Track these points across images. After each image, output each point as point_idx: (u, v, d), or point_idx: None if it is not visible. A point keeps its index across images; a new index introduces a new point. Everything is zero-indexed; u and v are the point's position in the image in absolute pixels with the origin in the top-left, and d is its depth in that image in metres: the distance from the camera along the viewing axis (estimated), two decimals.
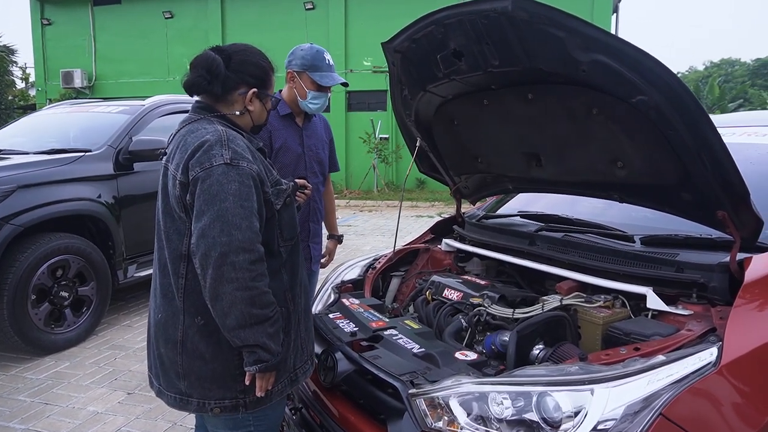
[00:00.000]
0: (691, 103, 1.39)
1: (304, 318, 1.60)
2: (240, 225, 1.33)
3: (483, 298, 1.92)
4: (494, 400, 1.34)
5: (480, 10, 1.61)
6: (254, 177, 1.41)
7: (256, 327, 1.36)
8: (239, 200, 1.35)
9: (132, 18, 15.91)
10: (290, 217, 1.55)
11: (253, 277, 1.34)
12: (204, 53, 1.52)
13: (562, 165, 2.02)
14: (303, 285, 1.64)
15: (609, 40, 1.41)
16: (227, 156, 1.38)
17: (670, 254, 1.71)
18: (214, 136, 1.41)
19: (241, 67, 1.53)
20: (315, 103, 2.45)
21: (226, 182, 1.35)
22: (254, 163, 1.43)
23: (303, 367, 1.60)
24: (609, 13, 13.49)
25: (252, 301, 1.34)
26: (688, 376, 1.28)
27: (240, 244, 1.32)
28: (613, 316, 1.65)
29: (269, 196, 1.47)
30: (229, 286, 1.31)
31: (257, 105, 1.58)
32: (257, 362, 1.39)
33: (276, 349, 1.41)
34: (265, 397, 1.48)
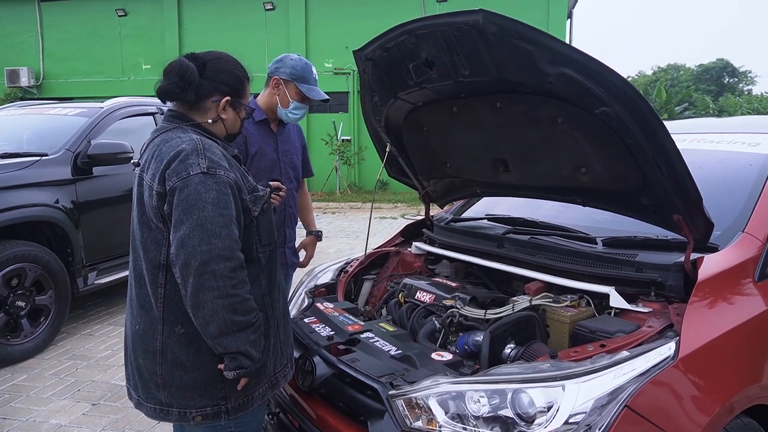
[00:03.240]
0: (649, 114, 1.49)
1: (283, 322, 1.62)
2: (219, 233, 1.34)
3: (455, 299, 1.98)
4: (471, 399, 1.40)
5: (452, 23, 1.67)
6: (232, 185, 1.42)
7: (239, 334, 1.37)
8: (218, 209, 1.36)
9: (82, 15, 15.33)
10: (268, 223, 1.57)
11: (234, 284, 1.35)
12: (178, 60, 1.52)
13: (528, 170, 2.11)
14: (281, 289, 1.65)
15: (575, 55, 1.49)
16: (204, 165, 1.39)
17: (630, 255, 1.82)
18: (189, 145, 1.42)
19: (216, 75, 1.54)
20: (295, 113, 2.48)
21: (204, 191, 1.36)
22: (231, 171, 1.44)
23: (283, 371, 1.62)
24: (564, 19, 13.93)
25: (234, 309, 1.35)
26: (650, 369, 1.37)
27: (220, 252, 1.33)
28: (579, 314, 1.74)
29: (247, 203, 1.48)
30: (211, 294, 1.32)
31: (230, 113, 1.59)
32: (238, 368, 1.40)
33: (257, 356, 1.42)
34: (247, 402, 1.50)
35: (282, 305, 1.64)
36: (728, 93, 34.55)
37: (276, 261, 1.63)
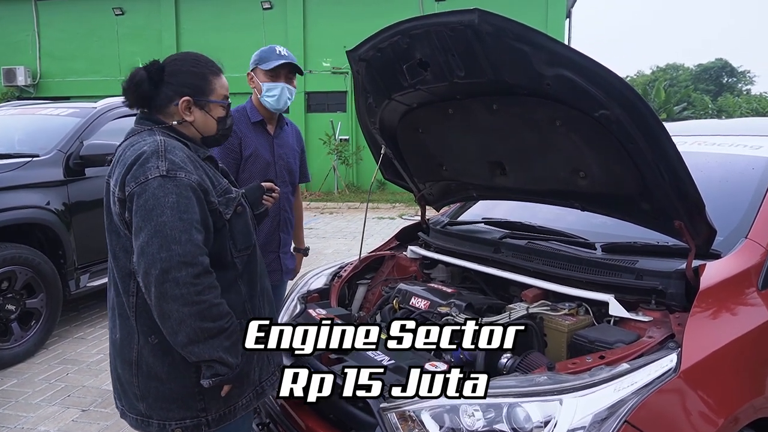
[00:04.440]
0: (650, 117, 1.44)
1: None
2: (179, 239, 1.29)
3: (450, 306, 1.93)
4: (465, 412, 1.35)
5: (447, 22, 1.62)
6: (194, 187, 1.36)
7: (211, 341, 1.32)
8: (177, 213, 1.31)
9: (79, 14, 15.26)
10: (243, 226, 1.52)
11: (199, 291, 1.29)
12: (132, 72, 1.48)
13: (525, 174, 2.06)
14: (267, 295, 1.61)
15: (573, 56, 1.44)
16: (163, 168, 1.33)
17: (630, 261, 1.77)
18: (151, 147, 1.37)
19: (172, 78, 1.49)
20: (270, 95, 2.39)
21: (163, 195, 1.31)
22: (194, 173, 1.38)
23: (270, 379, 1.57)
24: (562, 19, 13.89)
25: (201, 316, 1.30)
26: (651, 383, 1.32)
27: (181, 258, 1.28)
28: (578, 323, 1.69)
29: (216, 205, 1.43)
30: (175, 303, 1.27)
31: (197, 114, 1.51)
32: (214, 376, 1.36)
33: (234, 362, 1.37)
34: (229, 413, 1.45)
35: (268, 312, 1.60)
36: (727, 93, 34.57)
37: (257, 266, 1.58)
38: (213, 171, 1.53)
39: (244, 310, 1.49)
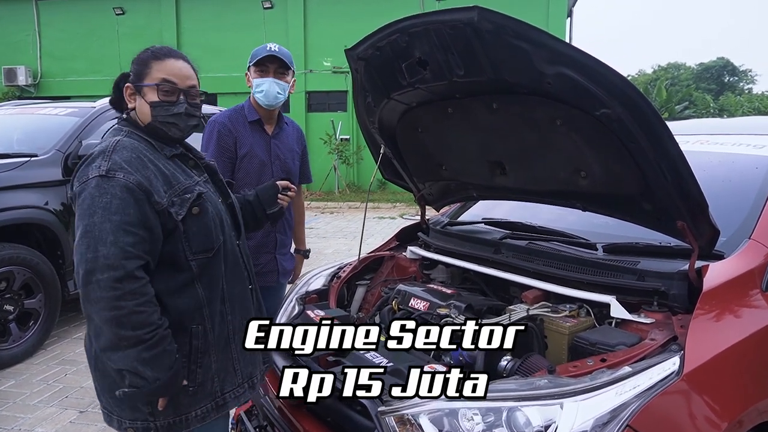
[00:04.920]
0: (652, 116, 1.42)
1: (238, 337, 1.51)
2: (105, 240, 1.27)
3: (450, 308, 1.91)
4: (465, 416, 1.33)
5: (446, 20, 1.59)
6: (131, 188, 1.33)
7: (128, 351, 1.29)
8: (108, 214, 1.29)
9: (80, 14, 15.26)
10: (201, 228, 1.45)
11: (119, 296, 1.26)
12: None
13: (525, 174, 2.04)
14: (238, 301, 1.55)
15: (574, 54, 1.42)
16: (104, 167, 1.33)
17: (632, 262, 1.74)
18: (102, 147, 1.38)
19: (130, 68, 1.50)
20: (259, 90, 2.38)
21: (98, 195, 1.30)
22: (134, 174, 1.34)
23: (235, 391, 1.51)
24: (563, 18, 13.85)
25: (119, 323, 1.26)
26: (653, 386, 1.30)
27: (105, 261, 1.26)
28: (579, 325, 1.66)
29: (163, 206, 1.38)
30: (96, 306, 1.27)
31: (137, 101, 1.47)
32: (130, 386, 1.33)
33: (152, 376, 1.31)
34: (180, 423, 1.41)
35: (239, 319, 1.54)
36: (728, 92, 34.48)
37: (222, 269, 1.51)
38: (178, 170, 1.47)
39: (202, 315, 1.44)
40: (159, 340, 1.32)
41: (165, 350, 1.34)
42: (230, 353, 1.50)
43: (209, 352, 1.44)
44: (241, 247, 1.62)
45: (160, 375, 1.32)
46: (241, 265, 1.59)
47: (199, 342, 1.43)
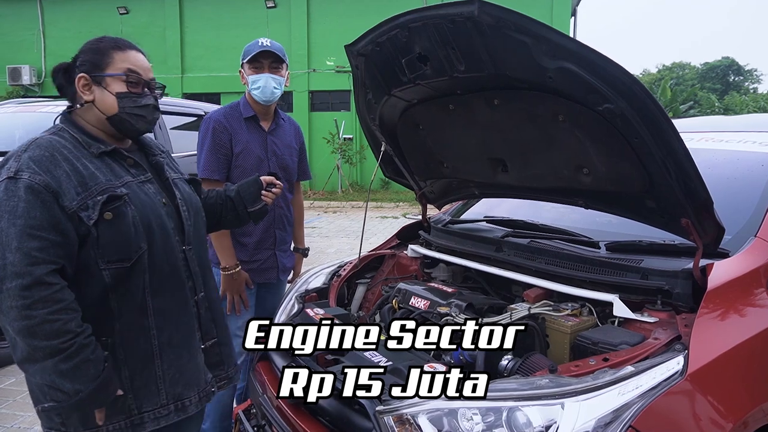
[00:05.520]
0: (656, 111, 1.39)
1: (166, 354, 1.40)
2: (11, 246, 1.20)
3: (450, 306, 1.89)
4: (464, 416, 1.31)
5: (445, 14, 1.57)
6: (38, 189, 1.24)
7: (44, 362, 1.21)
8: (13, 218, 1.22)
9: (84, 13, 15.31)
10: (116, 235, 1.32)
11: (28, 305, 1.18)
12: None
13: (527, 171, 2.01)
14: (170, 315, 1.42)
15: (576, 48, 1.39)
16: (13, 169, 1.25)
17: (635, 261, 1.72)
18: (20, 146, 1.31)
19: (78, 59, 1.41)
20: (255, 87, 2.36)
21: (6, 199, 1.23)
22: (41, 174, 1.26)
23: (156, 412, 1.39)
24: (568, 16, 13.80)
25: (31, 333, 1.19)
26: (656, 386, 1.27)
27: (12, 268, 1.19)
28: (581, 324, 1.64)
29: (73, 210, 1.28)
30: (7, 316, 1.19)
31: (96, 92, 1.39)
32: (51, 401, 1.27)
33: (72, 389, 1.23)
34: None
35: (168, 335, 1.41)
36: (733, 91, 34.32)
37: (144, 281, 1.37)
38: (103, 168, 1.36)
39: (112, 328, 1.33)
40: (78, 349, 1.23)
41: (87, 359, 1.24)
42: (153, 371, 1.38)
43: (120, 367, 1.34)
44: (187, 255, 1.48)
45: (81, 387, 1.24)
46: (181, 276, 1.45)
47: (109, 356, 1.32)
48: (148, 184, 1.45)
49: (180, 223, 1.49)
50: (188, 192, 1.58)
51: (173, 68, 14.92)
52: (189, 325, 1.47)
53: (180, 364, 1.43)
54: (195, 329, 1.49)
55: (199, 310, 1.51)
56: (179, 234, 1.47)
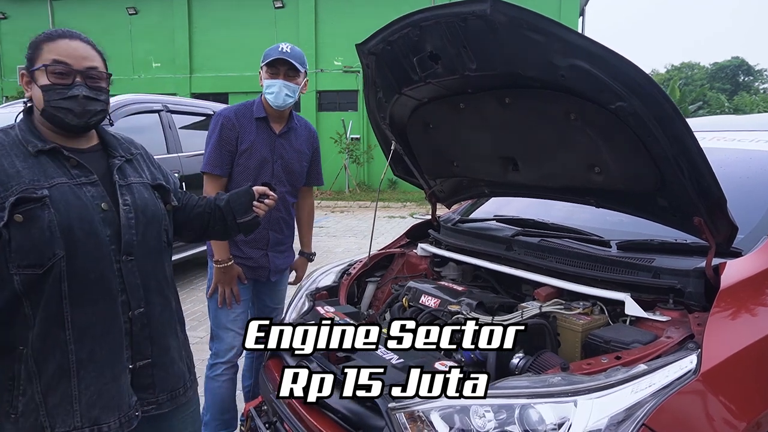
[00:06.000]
0: (670, 110, 1.39)
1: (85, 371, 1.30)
2: None
3: (461, 305, 1.89)
4: (476, 413, 1.31)
5: (458, 13, 1.58)
6: None
7: None
8: None
9: (94, 13, 15.43)
10: (28, 240, 1.24)
11: None
12: None
13: (538, 169, 2.01)
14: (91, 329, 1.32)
15: (589, 46, 1.39)
16: None
17: (647, 259, 1.72)
18: None
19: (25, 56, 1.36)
20: (269, 92, 2.37)
21: None
22: None
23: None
24: (576, 16, 13.75)
25: None
26: (669, 385, 1.27)
27: None
28: (593, 323, 1.64)
29: None
30: None
31: (33, 88, 1.33)
32: None
33: None
34: None
35: (93, 351, 1.31)
36: (743, 92, 34.04)
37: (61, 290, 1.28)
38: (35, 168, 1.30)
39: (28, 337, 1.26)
40: None
41: None
42: (69, 389, 1.29)
43: (32, 381, 1.27)
44: (124, 266, 1.37)
45: None
46: (111, 288, 1.34)
47: (22, 366, 1.26)
48: (88, 187, 1.35)
49: (119, 231, 1.37)
50: (144, 198, 1.45)
51: (182, 68, 15.01)
52: (115, 342, 1.35)
53: (100, 384, 1.32)
54: (123, 347, 1.37)
55: (132, 326, 1.39)
56: (116, 243, 1.36)
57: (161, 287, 1.48)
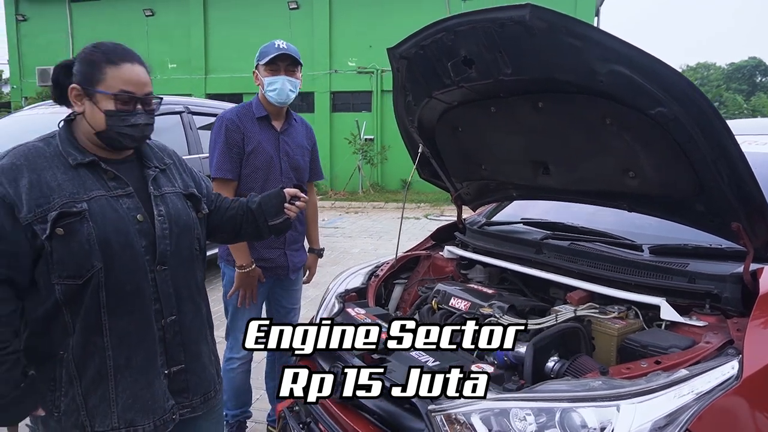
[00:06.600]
0: (712, 115, 1.39)
1: (122, 376, 1.37)
2: None
3: (492, 308, 1.90)
4: (516, 416, 1.32)
5: (495, 18, 1.58)
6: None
7: None
8: None
9: (111, 15, 15.60)
10: (68, 252, 1.30)
11: None
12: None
13: (570, 174, 2.02)
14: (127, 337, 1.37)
15: (630, 52, 1.40)
16: None
17: (681, 264, 1.71)
18: (3, 152, 1.33)
19: (75, 66, 1.38)
20: (272, 89, 2.38)
21: None
22: (3, 185, 1.27)
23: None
24: (591, 17, 13.67)
25: None
26: (711, 390, 1.27)
27: None
28: (628, 327, 1.64)
29: (28, 221, 1.27)
30: None
31: (87, 105, 1.36)
32: None
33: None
34: None
35: (124, 357, 1.37)
36: (761, 92, 33.59)
37: (100, 299, 1.33)
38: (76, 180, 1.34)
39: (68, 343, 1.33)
40: (4, 359, 1.24)
41: (8, 370, 1.25)
42: (107, 392, 1.36)
43: (74, 383, 1.34)
44: (158, 276, 1.42)
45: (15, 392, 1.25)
46: (145, 297, 1.39)
47: (64, 370, 1.34)
48: (124, 199, 1.39)
49: (154, 241, 1.41)
50: (178, 208, 1.49)
51: (197, 69, 15.12)
52: (150, 350, 1.41)
53: (135, 389, 1.38)
54: (157, 354, 1.42)
55: (165, 334, 1.44)
56: (151, 253, 1.40)
57: (192, 295, 1.53)
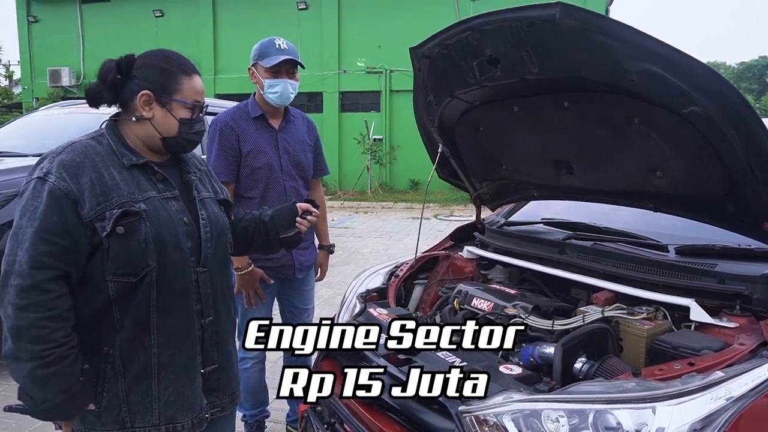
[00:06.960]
0: (747, 113, 1.37)
1: (165, 374, 1.40)
2: (24, 244, 1.24)
3: (516, 308, 1.89)
4: (549, 418, 1.31)
5: (523, 17, 1.57)
6: (58, 194, 1.27)
7: (23, 364, 1.23)
8: (31, 218, 1.26)
9: (121, 16, 15.70)
10: (126, 250, 1.32)
11: (23, 306, 1.22)
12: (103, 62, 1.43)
13: (594, 173, 2.00)
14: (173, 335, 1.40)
15: (662, 50, 1.38)
16: (44, 170, 1.29)
17: (709, 264, 1.69)
18: (58, 147, 1.34)
19: (140, 71, 1.41)
20: (273, 92, 2.35)
21: (32, 198, 1.28)
22: (67, 180, 1.28)
23: (147, 430, 1.39)
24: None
25: (18, 334, 1.22)
26: (748, 393, 1.26)
27: (18, 266, 1.23)
28: (657, 328, 1.62)
29: (89, 219, 1.29)
30: (5, 311, 1.24)
31: (158, 111, 1.40)
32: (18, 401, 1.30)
33: (40, 396, 1.25)
34: None
35: (174, 355, 1.40)
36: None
37: (150, 297, 1.36)
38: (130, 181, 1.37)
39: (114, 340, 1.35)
40: (56, 360, 1.24)
41: (62, 372, 1.26)
42: (150, 389, 1.38)
43: (118, 379, 1.35)
44: (200, 277, 1.46)
45: (49, 397, 1.25)
46: (190, 297, 1.44)
47: (108, 366, 1.35)
48: (172, 201, 1.43)
49: (198, 244, 1.46)
50: (215, 213, 1.55)
51: (206, 69, 15.18)
52: (192, 348, 1.45)
53: (177, 386, 1.42)
54: (197, 353, 1.47)
55: (204, 334, 1.48)
56: (195, 255, 1.45)
57: (225, 296, 1.58)
